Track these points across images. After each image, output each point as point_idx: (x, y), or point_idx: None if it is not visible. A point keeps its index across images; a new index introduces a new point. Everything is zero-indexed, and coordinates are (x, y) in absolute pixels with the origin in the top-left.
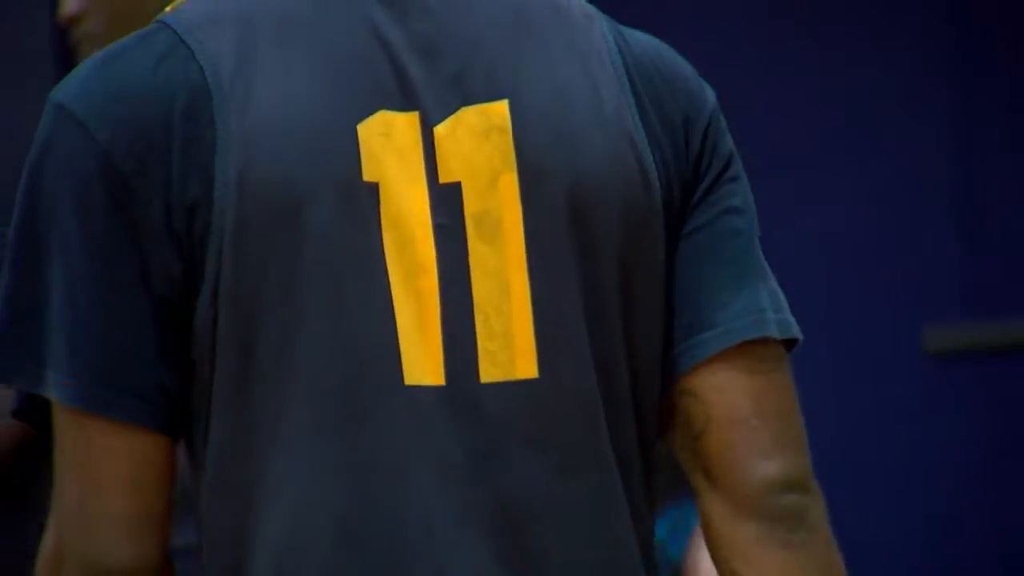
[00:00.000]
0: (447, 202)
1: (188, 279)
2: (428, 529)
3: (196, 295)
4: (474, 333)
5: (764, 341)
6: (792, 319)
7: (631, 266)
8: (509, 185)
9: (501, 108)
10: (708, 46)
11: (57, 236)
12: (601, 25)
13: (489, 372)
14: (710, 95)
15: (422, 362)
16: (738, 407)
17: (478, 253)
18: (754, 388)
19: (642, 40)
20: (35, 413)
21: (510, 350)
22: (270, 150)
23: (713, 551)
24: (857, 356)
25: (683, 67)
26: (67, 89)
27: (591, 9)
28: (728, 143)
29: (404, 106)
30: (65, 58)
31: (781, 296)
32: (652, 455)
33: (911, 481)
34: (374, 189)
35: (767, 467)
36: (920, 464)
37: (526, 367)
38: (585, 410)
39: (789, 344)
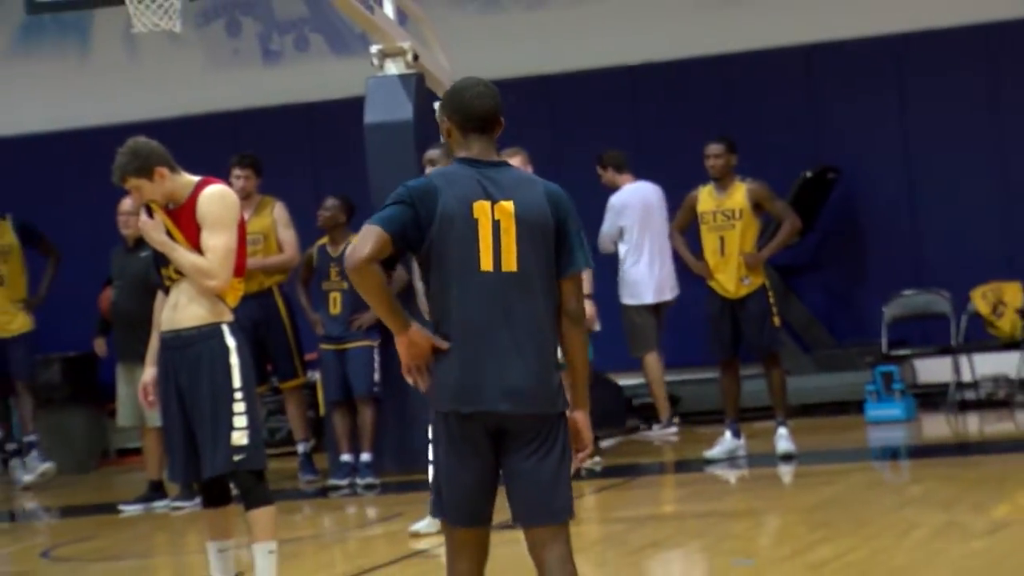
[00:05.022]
0: (496, 226)
1: (425, 234)
2: (492, 318)
3: (426, 237)
4: (501, 256)
5: (578, 272)
6: (586, 259)
7: (546, 241)
8: (511, 223)
9: (511, 203)
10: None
11: (398, 201)
12: (538, 181)
13: (504, 267)
14: (567, 200)
15: (486, 263)
16: (568, 290)
17: (503, 237)
18: (574, 286)
19: (550, 185)
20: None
21: (512, 261)
22: (448, 206)
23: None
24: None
25: (559, 191)
26: (413, 182)
27: (535, 177)
28: (572, 211)
29: (486, 198)
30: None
31: (588, 250)
32: (554, 293)
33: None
34: (476, 220)
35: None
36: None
37: (513, 266)
38: (531, 278)
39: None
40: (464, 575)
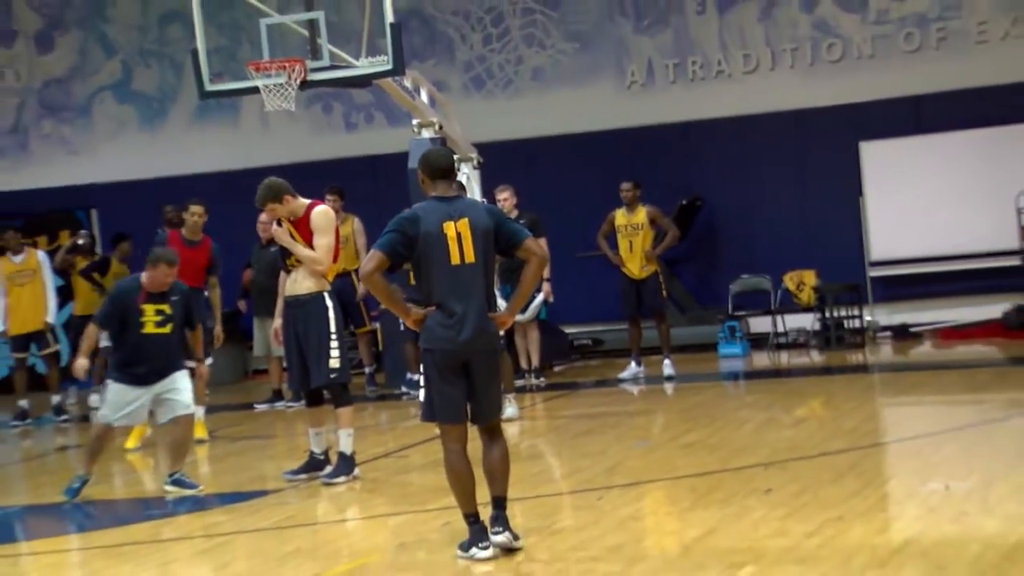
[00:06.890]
0: (459, 237)
1: (413, 249)
2: (460, 293)
3: (414, 250)
4: (464, 253)
5: (526, 236)
6: (527, 233)
7: (489, 241)
8: (469, 234)
9: (466, 219)
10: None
11: (393, 230)
12: (480, 203)
13: (467, 260)
14: (498, 210)
15: (455, 259)
16: (525, 247)
17: (464, 242)
18: (532, 243)
19: (486, 205)
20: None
21: (471, 255)
22: (428, 227)
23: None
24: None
25: (492, 206)
26: (405, 214)
27: (478, 201)
28: (503, 214)
29: (450, 219)
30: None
31: (525, 231)
32: (491, 274)
33: None
34: (445, 235)
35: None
36: None
37: (472, 258)
38: (482, 265)
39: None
40: (455, 452)
